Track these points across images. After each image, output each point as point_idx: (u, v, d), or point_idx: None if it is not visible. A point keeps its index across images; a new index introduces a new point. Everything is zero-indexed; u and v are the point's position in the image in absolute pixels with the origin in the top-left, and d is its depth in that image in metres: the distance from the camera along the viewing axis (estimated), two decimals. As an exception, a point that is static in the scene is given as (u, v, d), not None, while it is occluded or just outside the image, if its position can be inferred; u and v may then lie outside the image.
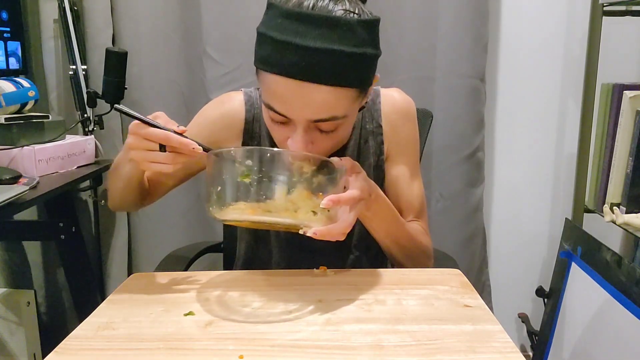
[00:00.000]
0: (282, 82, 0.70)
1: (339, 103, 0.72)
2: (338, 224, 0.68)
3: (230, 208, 0.64)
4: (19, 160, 1.23)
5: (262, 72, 0.73)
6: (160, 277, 0.82)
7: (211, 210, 0.66)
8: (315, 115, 0.72)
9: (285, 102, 0.72)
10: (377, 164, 0.95)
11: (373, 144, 0.95)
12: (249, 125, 0.93)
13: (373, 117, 0.95)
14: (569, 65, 1.61)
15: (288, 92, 0.70)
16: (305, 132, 0.74)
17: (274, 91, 0.72)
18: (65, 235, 1.45)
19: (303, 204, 0.65)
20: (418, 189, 0.98)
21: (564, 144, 1.66)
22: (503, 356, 0.58)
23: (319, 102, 0.71)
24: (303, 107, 0.71)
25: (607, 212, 1.31)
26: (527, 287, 1.73)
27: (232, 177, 0.66)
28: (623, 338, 1.07)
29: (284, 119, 0.75)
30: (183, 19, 1.51)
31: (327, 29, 0.68)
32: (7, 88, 1.24)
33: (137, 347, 0.60)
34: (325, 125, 0.75)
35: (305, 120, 0.73)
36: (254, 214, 0.63)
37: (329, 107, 0.72)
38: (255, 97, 0.94)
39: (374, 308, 0.69)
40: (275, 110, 0.73)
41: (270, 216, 0.64)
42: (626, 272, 1.07)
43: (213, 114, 0.95)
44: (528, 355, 1.67)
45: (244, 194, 0.64)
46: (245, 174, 0.64)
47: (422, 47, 1.49)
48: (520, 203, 1.71)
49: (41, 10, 1.50)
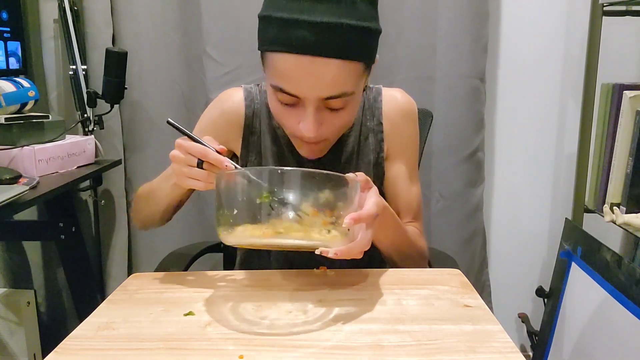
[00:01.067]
0: (293, 60, 0.71)
1: (348, 78, 0.73)
2: (357, 243, 0.67)
3: (241, 231, 0.62)
4: (19, 160, 1.23)
5: (269, 55, 0.74)
6: (160, 277, 0.82)
7: (223, 235, 0.64)
8: (326, 92, 0.73)
9: (297, 81, 0.72)
10: (376, 162, 0.96)
11: (373, 141, 0.95)
12: (249, 121, 0.94)
13: (374, 114, 0.95)
14: (569, 65, 1.61)
15: (299, 70, 0.71)
16: (316, 112, 0.75)
17: (284, 71, 0.72)
18: (65, 235, 1.45)
19: (318, 223, 0.63)
20: (416, 189, 0.99)
21: (564, 144, 1.66)
22: (503, 356, 0.58)
23: (330, 78, 0.71)
24: (314, 84, 0.72)
25: (607, 212, 1.31)
26: (527, 287, 1.73)
27: (245, 200, 0.64)
28: (623, 338, 1.07)
29: (293, 100, 0.75)
30: (183, 19, 1.51)
31: (332, 4, 0.69)
32: (7, 88, 1.24)
33: (137, 347, 0.61)
34: (334, 103, 0.75)
35: (316, 99, 0.74)
36: (268, 236, 0.61)
37: (339, 83, 0.72)
38: (255, 93, 0.95)
39: (374, 308, 0.69)
40: (286, 92, 0.74)
41: (285, 238, 0.62)
42: (626, 272, 1.07)
43: (214, 114, 0.96)
44: (528, 355, 1.67)
45: (257, 216, 0.62)
46: (261, 196, 0.62)
47: (422, 47, 1.49)
48: (520, 203, 1.71)
49: (41, 10, 1.50)
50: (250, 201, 0.63)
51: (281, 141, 0.94)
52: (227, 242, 0.64)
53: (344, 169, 0.94)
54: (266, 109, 0.94)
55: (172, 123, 0.75)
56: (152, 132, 1.56)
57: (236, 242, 0.64)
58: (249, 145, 0.95)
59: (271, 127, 0.94)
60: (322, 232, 0.63)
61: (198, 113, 1.54)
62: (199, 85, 1.53)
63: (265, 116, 0.94)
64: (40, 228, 1.57)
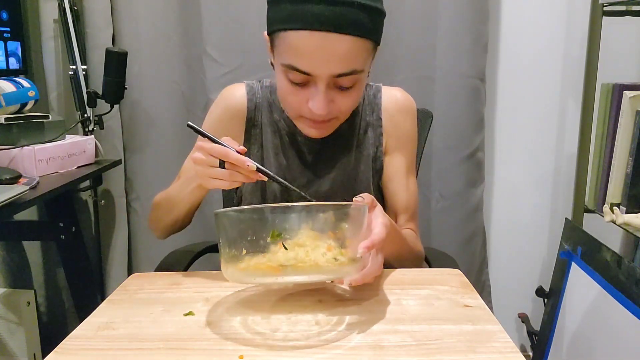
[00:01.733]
0: (307, 36, 0.73)
1: (359, 55, 0.75)
2: (370, 269, 0.69)
3: (246, 271, 0.60)
4: (19, 160, 1.23)
5: (282, 35, 0.76)
6: (160, 277, 0.82)
7: (228, 274, 0.62)
8: (338, 69, 0.75)
9: (310, 57, 0.74)
10: (375, 155, 0.97)
11: (372, 135, 0.97)
12: (251, 114, 0.96)
13: (373, 110, 0.97)
14: (569, 65, 1.61)
15: (312, 46, 0.73)
16: (327, 90, 0.77)
17: (297, 48, 0.74)
18: (65, 235, 1.45)
19: (327, 255, 0.61)
20: (413, 187, 1.00)
21: (564, 144, 1.66)
22: (503, 356, 0.58)
23: (342, 54, 0.73)
24: (327, 61, 0.74)
25: (607, 212, 1.31)
26: (527, 287, 1.73)
27: (249, 240, 0.61)
28: (623, 338, 1.07)
29: (305, 78, 0.77)
30: (183, 19, 1.51)
31: None
32: (7, 88, 1.24)
33: (137, 347, 0.61)
34: (345, 81, 0.77)
35: (327, 76, 0.75)
36: (276, 274, 0.59)
37: (350, 59, 0.75)
38: (257, 88, 0.97)
39: (374, 308, 0.69)
40: (299, 69, 0.76)
41: (295, 274, 0.60)
42: (626, 272, 1.06)
43: (217, 111, 0.98)
44: (528, 355, 1.67)
45: (262, 253, 0.60)
46: (271, 234, 0.60)
47: (422, 47, 1.49)
48: (520, 203, 1.71)
49: (41, 10, 1.50)
50: (255, 240, 0.60)
51: (282, 133, 0.96)
52: (232, 281, 0.63)
53: (344, 163, 0.95)
54: (267, 103, 0.96)
55: (193, 126, 0.76)
56: (152, 132, 1.56)
57: (242, 281, 0.63)
58: (251, 137, 0.97)
59: (272, 120, 0.96)
60: (331, 261, 0.61)
61: (198, 113, 1.56)
62: (199, 85, 1.53)
63: (266, 110, 0.96)
64: (40, 228, 1.57)
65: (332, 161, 0.95)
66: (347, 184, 0.96)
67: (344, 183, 0.96)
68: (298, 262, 0.59)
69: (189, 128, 0.76)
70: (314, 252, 0.60)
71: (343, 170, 0.95)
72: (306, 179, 0.96)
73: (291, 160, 0.95)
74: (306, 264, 0.59)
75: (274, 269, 0.59)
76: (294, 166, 0.95)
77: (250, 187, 0.96)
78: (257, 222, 0.62)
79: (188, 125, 0.76)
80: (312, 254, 0.60)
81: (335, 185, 0.95)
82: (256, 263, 0.60)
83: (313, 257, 0.60)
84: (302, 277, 0.62)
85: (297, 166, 0.95)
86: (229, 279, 0.63)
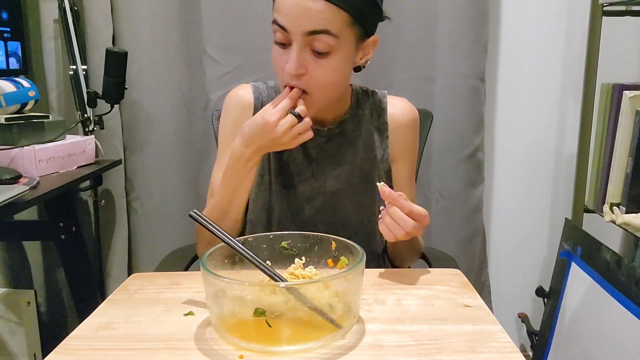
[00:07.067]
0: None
1: (332, 19, 0.80)
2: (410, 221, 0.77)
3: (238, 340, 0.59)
4: (19, 160, 1.23)
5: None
6: (160, 277, 0.82)
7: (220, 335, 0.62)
8: (310, 25, 0.80)
9: (286, 12, 0.81)
10: (382, 157, 0.99)
11: (378, 138, 0.99)
12: (256, 110, 0.97)
13: (380, 114, 1.00)
14: (568, 65, 1.61)
15: (290, 2, 0.80)
16: (300, 49, 0.82)
17: (280, 4, 0.82)
18: (65, 235, 1.45)
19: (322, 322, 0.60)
20: (412, 196, 1.03)
21: (564, 144, 1.66)
22: (503, 356, 0.58)
23: (314, 12, 0.79)
24: (301, 17, 0.80)
25: (607, 212, 1.31)
26: (527, 287, 1.73)
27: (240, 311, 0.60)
28: (623, 338, 1.07)
29: (285, 37, 0.82)
30: (183, 19, 1.51)
31: None
32: (7, 88, 1.24)
33: (137, 347, 0.61)
34: (319, 43, 0.81)
35: (301, 33, 0.80)
36: (282, 345, 0.59)
37: (322, 19, 0.80)
38: (262, 88, 1.00)
39: (374, 308, 0.69)
40: (278, 24, 0.82)
41: (302, 344, 0.59)
42: (626, 272, 1.07)
43: (230, 114, 1.01)
44: (528, 355, 1.67)
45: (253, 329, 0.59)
46: (256, 312, 0.58)
47: (422, 47, 1.49)
48: (520, 203, 1.71)
49: (41, 10, 1.50)
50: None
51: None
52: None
53: (349, 161, 0.97)
54: None
55: (196, 217, 0.71)
56: (152, 132, 1.56)
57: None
58: None
59: None
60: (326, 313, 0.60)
61: (198, 113, 1.56)
62: (199, 85, 1.53)
63: None
64: (40, 228, 1.57)
65: (337, 158, 0.97)
66: (352, 182, 0.97)
67: (349, 181, 0.97)
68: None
69: (191, 218, 0.71)
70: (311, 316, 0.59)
71: (348, 168, 0.97)
72: (310, 173, 0.97)
73: (295, 153, 0.96)
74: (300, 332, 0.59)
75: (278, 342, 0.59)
76: (298, 159, 0.96)
77: (254, 194, 0.96)
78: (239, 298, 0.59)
79: (190, 216, 0.72)
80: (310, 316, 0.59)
81: (340, 182, 0.96)
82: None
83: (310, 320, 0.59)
84: (293, 347, 0.59)
85: (301, 159, 0.97)
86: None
